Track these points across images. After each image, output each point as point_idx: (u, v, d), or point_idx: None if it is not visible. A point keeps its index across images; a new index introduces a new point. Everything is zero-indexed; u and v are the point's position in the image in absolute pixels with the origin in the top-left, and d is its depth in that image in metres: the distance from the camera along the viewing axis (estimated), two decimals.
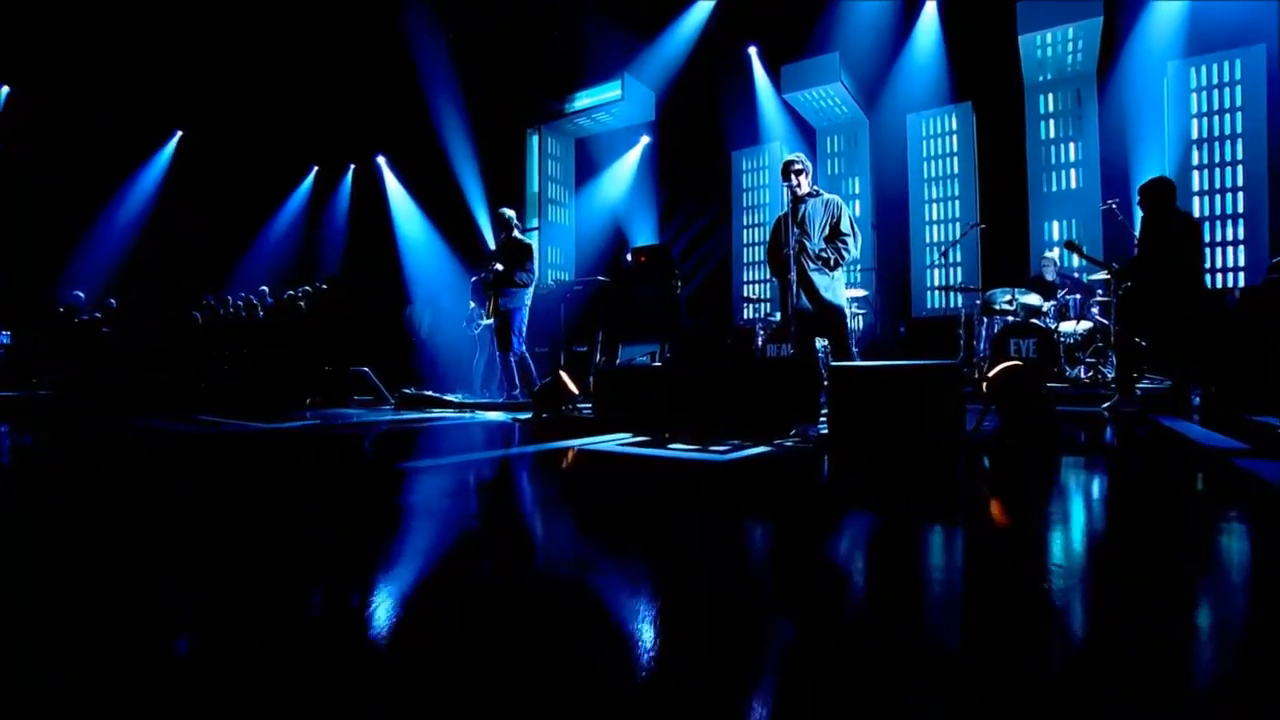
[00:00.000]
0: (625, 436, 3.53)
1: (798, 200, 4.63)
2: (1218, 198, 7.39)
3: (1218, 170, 7.38)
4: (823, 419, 4.07)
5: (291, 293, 7.89)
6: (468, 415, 5.18)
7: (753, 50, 9.77)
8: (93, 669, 0.87)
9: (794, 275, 4.38)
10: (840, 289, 4.57)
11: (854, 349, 4.66)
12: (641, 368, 4.56)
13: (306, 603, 1.14)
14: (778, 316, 7.17)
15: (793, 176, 4.56)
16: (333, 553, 1.46)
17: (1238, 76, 7.27)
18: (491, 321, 6.67)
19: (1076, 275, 7.23)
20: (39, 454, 3.22)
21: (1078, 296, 6.31)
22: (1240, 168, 7.28)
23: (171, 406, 5.93)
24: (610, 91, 9.37)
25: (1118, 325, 5.06)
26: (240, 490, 2.22)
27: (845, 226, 4.51)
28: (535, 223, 10.23)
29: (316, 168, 14.43)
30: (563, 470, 2.62)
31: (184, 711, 0.77)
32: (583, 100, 9.67)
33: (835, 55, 8.37)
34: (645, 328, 8.39)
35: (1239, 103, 7.26)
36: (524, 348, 6.52)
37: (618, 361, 8.57)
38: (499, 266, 6.40)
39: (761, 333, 7.81)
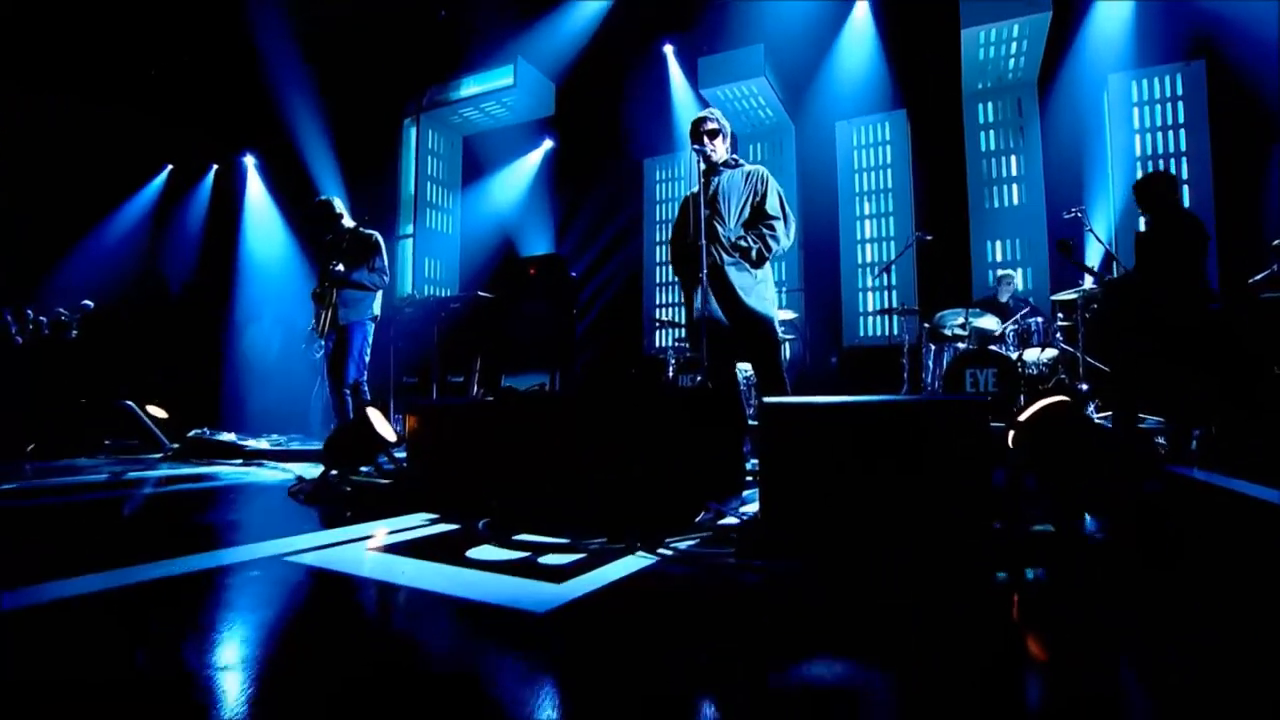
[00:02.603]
0: (422, 520, 2.24)
1: (711, 170, 3.54)
2: None
3: None
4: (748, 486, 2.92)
5: (61, 311, 6.13)
6: (246, 472, 3.73)
7: (668, 48, 8.91)
8: None
9: (704, 272, 3.23)
10: (768, 293, 3.48)
11: (786, 379, 3.54)
12: (470, 403, 3.25)
13: None
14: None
15: (705, 139, 3.48)
16: None
17: (1180, 92, 6.91)
18: (326, 342, 5.20)
19: (1030, 300, 6.52)
20: None
21: (1039, 320, 5.53)
22: (1185, 188, 6.86)
23: None
24: (502, 78, 8.23)
25: (1120, 356, 4.15)
26: None
27: (773, 206, 3.45)
28: (409, 229, 8.83)
29: (171, 166, 12.53)
30: (202, 629, 1.31)
31: None
32: (470, 87, 8.48)
33: (760, 47, 7.60)
34: (533, 353, 7.14)
35: (1182, 119, 6.89)
36: (364, 377, 5.10)
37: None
38: (338, 267, 5.01)
39: (673, 362, 6.69)
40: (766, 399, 2.21)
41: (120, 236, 11.84)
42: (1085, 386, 5.06)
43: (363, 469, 3.19)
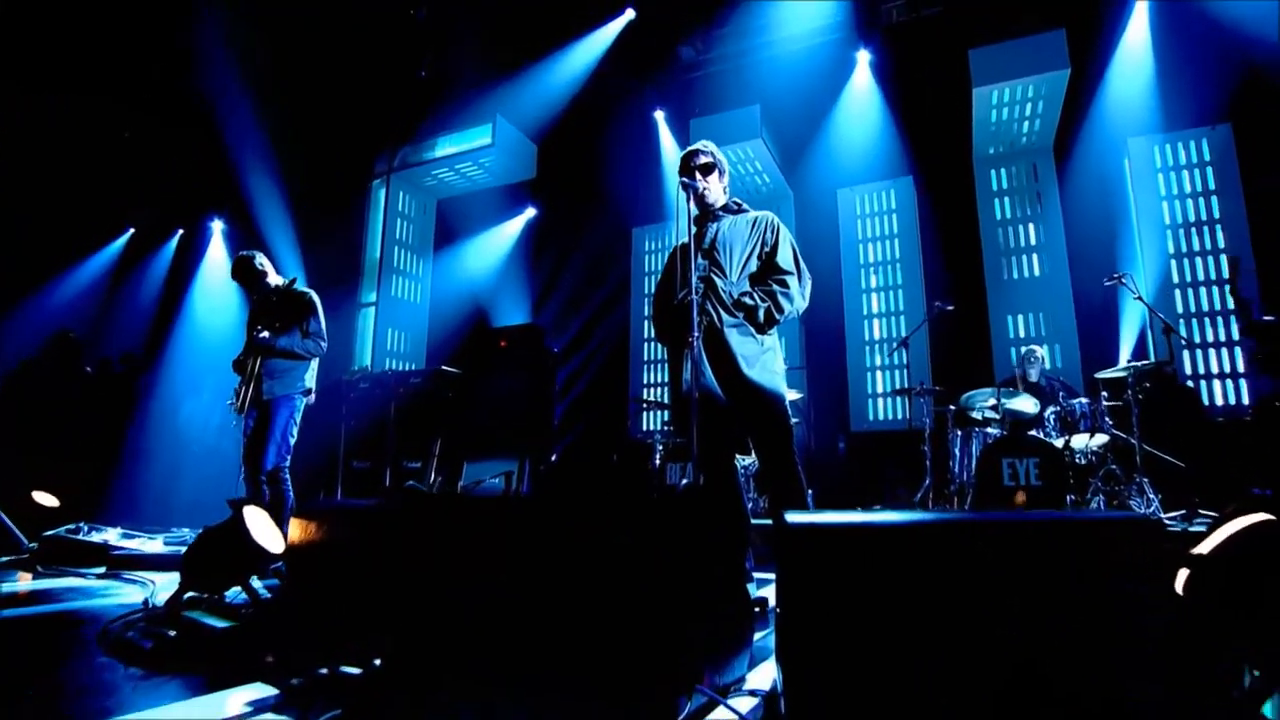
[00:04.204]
0: (242, 708, 1.47)
1: (706, 215, 2.96)
2: (1202, 291, 6.46)
3: (1199, 260, 6.51)
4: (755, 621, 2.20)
5: None
6: (96, 587, 2.95)
7: (659, 114, 8.66)
8: None
9: (696, 334, 2.58)
10: (776, 364, 2.84)
11: (802, 475, 2.83)
12: (365, 508, 2.49)
13: None
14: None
15: (697, 176, 2.92)
16: None
17: (1207, 157, 6.59)
18: (245, 419, 4.47)
19: (1063, 379, 5.91)
20: None
21: (1083, 401, 4.89)
22: (1224, 257, 6.42)
23: None
24: (479, 138, 7.88)
25: None
26: None
27: (785, 258, 2.86)
28: (372, 296, 8.25)
29: (132, 230, 12.11)
30: None
31: None
32: (445, 147, 8.12)
33: (756, 108, 7.29)
34: (502, 437, 6.42)
35: (1213, 185, 6.53)
36: (287, 463, 4.36)
37: (461, 484, 6.47)
38: (263, 333, 4.36)
39: (660, 448, 5.98)
40: (790, 515, 1.51)
41: (64, 304, 11.25)
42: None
43: (229, 592, 2.42)
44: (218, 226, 10.46)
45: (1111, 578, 1.29)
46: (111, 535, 4.00)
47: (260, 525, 2.51)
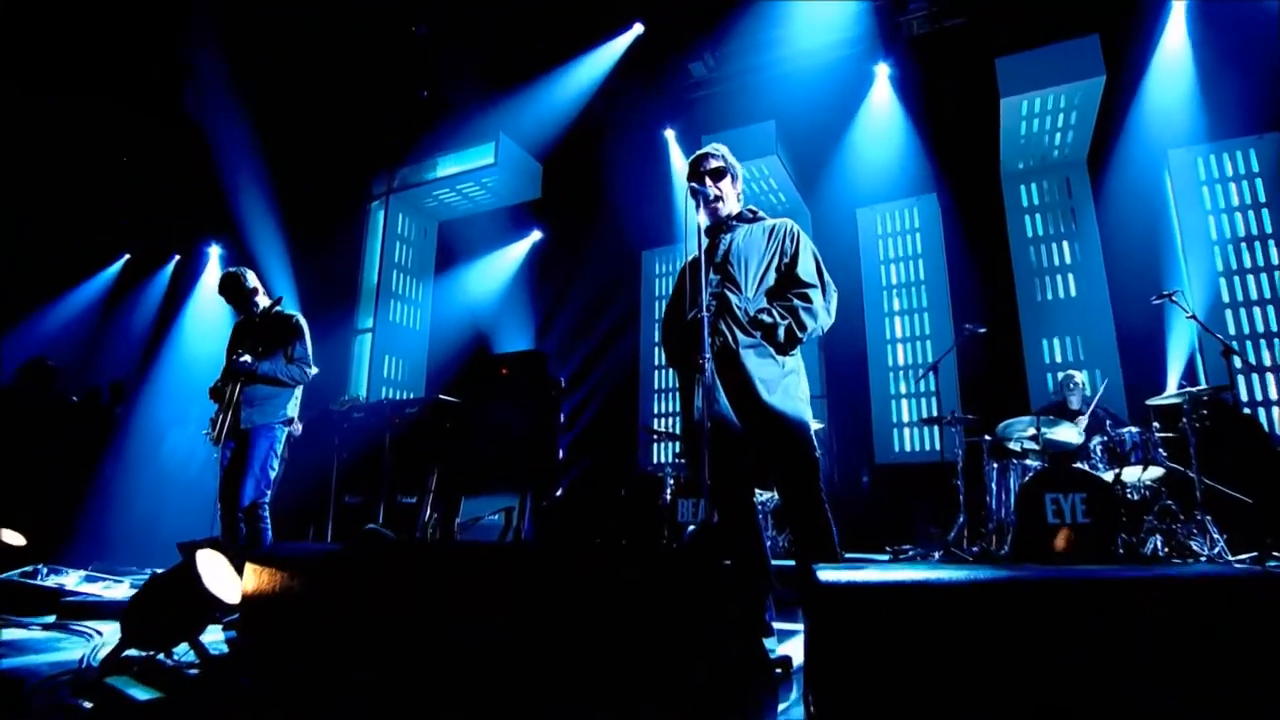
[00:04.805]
0: None
1: (719, 226, 2.75)
2: (1256, 311, 6.16)
3: (1250, 277, 6.22)
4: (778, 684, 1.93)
5: None
6: (39, 640, 2.72)
7: (669, 132, 8.54)
8: None
9: (707, 355, 2.35)
10: (799, 389, 2.60)
11: (829, 513, 2.58)
12: (323, 555, 2.25)
13: None
14: None
15: (707, 181, 2.71)
16: None
17: (1255, 168, 6.34)
18: (223, 450, 4.28)
19: (1106, 407, 5.60)
20: None
21: (1134, 431, 4.58)
22: (1278, 274, 6.14)
23: None
24: (481, 157, 7.77)
25: None
26: None
27: (807, 270, 2.64)
28: (369, 322, 8.09)
29: (128, 256, 12.15)
30: None
31: None
32: (447, 167, 8.02)
33: (771, 123, 7.14)
34: (502, 470, 6.18)
35: (1263, 198, 6.27)
36: (266, 498, 4.16)
37: (458, 520, 6.22)
38: (244, 358, 4.19)
39: (672, 481, 5.72)
40: (821, 570, 1.26)
41: (57, 330, 11.23)
42: None
43: (176, 650, 2.17)
44: (215, 251, 10.43)
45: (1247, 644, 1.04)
46: (71, 579, 3.77)
47: (216, 571, 2.27)
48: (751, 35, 7.85)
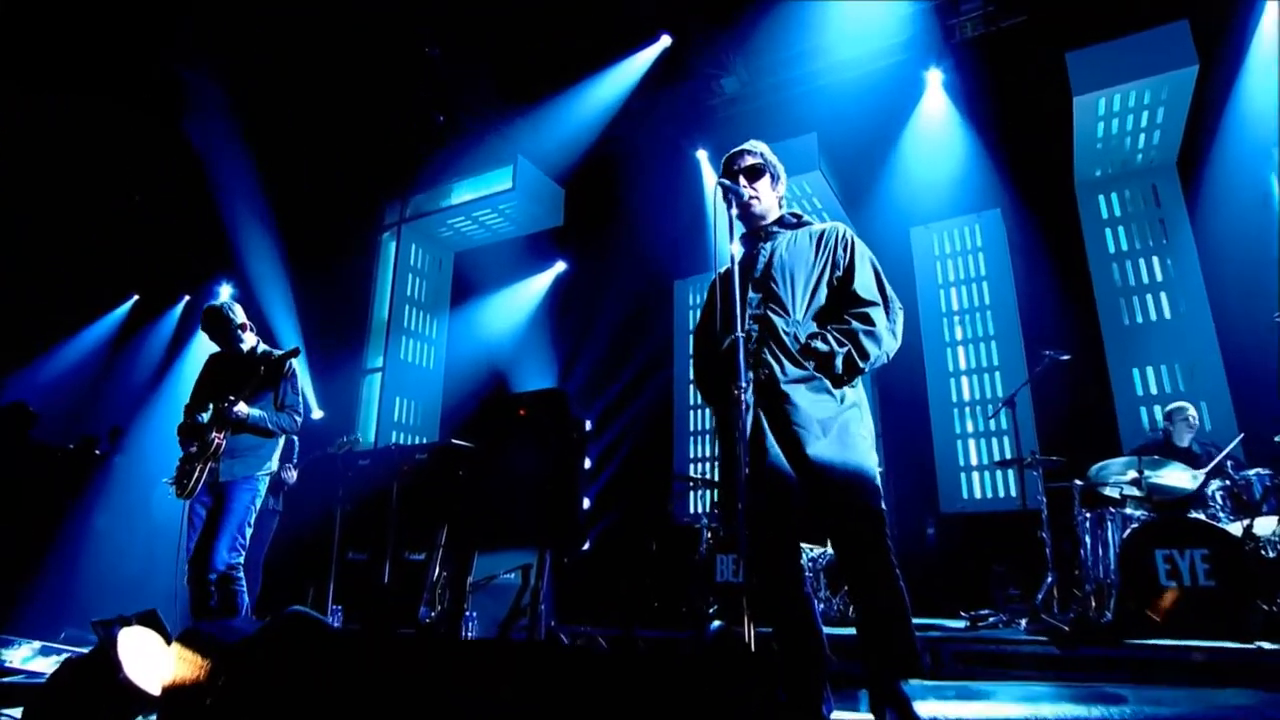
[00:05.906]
0: None
1: (756, 233, 2.41)
2: None
3: None
4: None
5: None
6: None
7: (701, 153, 8.30)
8: None
9: (747, 389, 1.98)
10: (861, 427, 2.21)
11: (900, 578, 2.16)
12: (239, 640, 1.87)
13: None
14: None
15: (742, 181, 2.37)
16: None
17: None
18: (192, 504, 3.98)
19: (1218, 445, 5.01)
20: None
21: (1264, 473, 4.04)
22: None
23: None
24: (499, 182, 7.60)
25: None
26: None
27: (866, 284, 2.27)
28: (378, 362, 7.90)
29: (136, 296, 12.34)
30: None
31: None
32: (462, 194, 7.88)
33: (813, 136, 6.84)
34: (519, 523, 5.84)
35: None
36: (240, 559, 3.86)
37: (470, 579, 5.87)
38: (238, 405, 3.94)
39: (708, 535, 5.30)
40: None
41: (59, 373, 11.33)
42: None
43: None
44: (225, 290, 10.44)
45: None
46: (19, 654, 3.47)
47: (145, 656, 1.94)
48: (787, 47, 7.63)
